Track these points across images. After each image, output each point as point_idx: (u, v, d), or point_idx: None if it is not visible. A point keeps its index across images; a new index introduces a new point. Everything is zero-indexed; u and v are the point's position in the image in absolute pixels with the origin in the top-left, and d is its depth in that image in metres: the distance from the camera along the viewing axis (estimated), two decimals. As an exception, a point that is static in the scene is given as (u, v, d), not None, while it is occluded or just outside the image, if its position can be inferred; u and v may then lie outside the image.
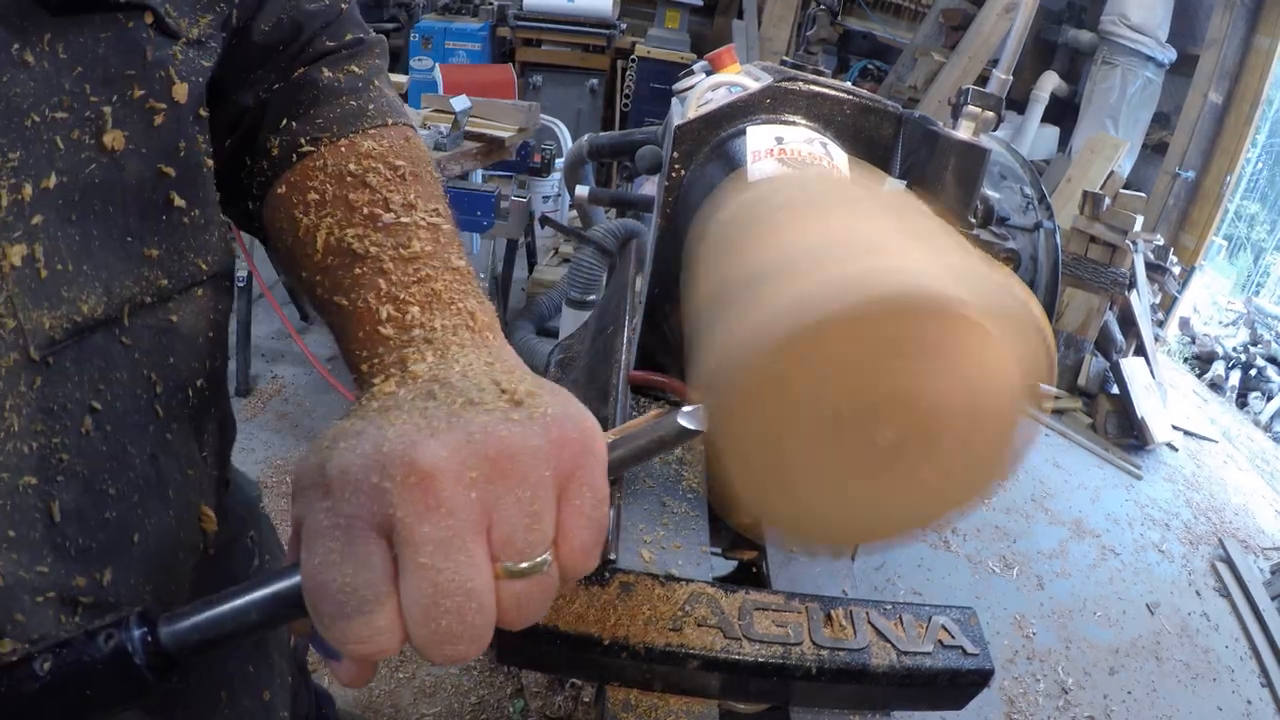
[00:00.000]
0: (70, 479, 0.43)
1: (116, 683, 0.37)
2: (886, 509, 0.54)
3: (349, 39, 0.60)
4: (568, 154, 1.80)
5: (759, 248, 0.52)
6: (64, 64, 0.40)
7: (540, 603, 0.38)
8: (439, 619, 0.35)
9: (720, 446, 0.50)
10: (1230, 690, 2.56)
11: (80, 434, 0.43)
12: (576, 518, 0.38)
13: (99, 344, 0.44)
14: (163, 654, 0.37)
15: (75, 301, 0.42)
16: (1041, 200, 1.22)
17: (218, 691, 0.62)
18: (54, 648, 0.37)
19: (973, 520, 3.05)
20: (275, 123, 0.56)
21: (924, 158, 0.79)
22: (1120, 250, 3.95)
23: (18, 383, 0.40)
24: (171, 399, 0.50)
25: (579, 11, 5.28)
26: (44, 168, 0.40)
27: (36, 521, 0.42)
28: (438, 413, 0.38)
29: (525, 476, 0.36)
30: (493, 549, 0.36)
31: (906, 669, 0.61)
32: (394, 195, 0.52)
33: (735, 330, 0.47)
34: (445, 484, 0.35)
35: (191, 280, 0.50)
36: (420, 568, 0.34)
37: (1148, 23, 5.10)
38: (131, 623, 0.37)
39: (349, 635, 0.35)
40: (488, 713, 1.96)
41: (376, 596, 0.35)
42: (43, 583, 0.43)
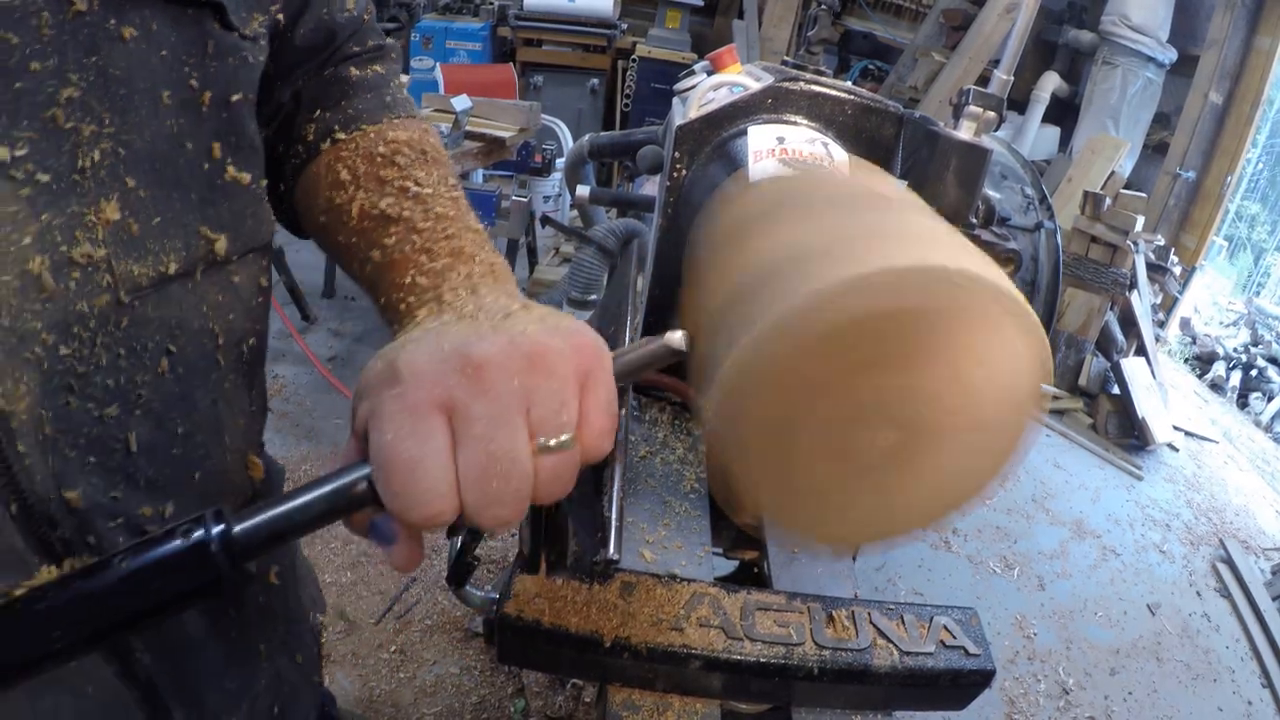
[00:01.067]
0: (146, 414, 0.49)
1: (194, 573, 0.41)
2: (888, 508, 0.54)
3: (371, 45, 0.69)
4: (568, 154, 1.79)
5: (761, 248, 0.52)
6: (151, 44, 0.47)
7: (568, 476, 0.44)
8: (490, 480, 0.41)
9: (724, 446, 0.50)
10: (1231, 691, 2.56)
11: (157, 373, 0.50)
12: (595, 406, 0.45)
13: (176, 295, 0.50)
14: (237, 546, 0.41)
15: (160, 254, 0.48)
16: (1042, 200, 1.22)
17: (258, 645, 0.66)
18: (133, 547, 0.40)
19: (973, 520, 3.05)
20: (310, 113, 0.65)
21: (925, 158, 0.79)
22: (1121, 250, 3.95)
23: (108, 322, 0.46)
24: (230, 352, 0.57)
25: (580, 11, 5.28)
26: (135, 135, 0.46)
27: (115, 451, 0.48)
28: (483, 324, 0.46)
29: (555, 371, 0.43)
30: (530, 428, 0.42)
31: (908, 669, 0.61)
32: (419, 173, 0.61)
33: (739, 331, 0.47)
34: (494, 373, 0.42)
35: (249, 246, 0.57)
36: (475, 439, 0.41)
37: (1148, 23, 5.10)
38: (209, 519, 0.41)
39: (416, 499, 0.41)
40: (489, 712, 1.96)
41: (440, 463, 0.41)
42: (115, 508, 0.48)
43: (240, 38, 0.53)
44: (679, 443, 0.87)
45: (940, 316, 0.45)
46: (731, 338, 0.48)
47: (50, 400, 0.44)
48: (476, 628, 2.14)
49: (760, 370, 0.46)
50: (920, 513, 0.55)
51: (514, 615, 0.59)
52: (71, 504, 0.46)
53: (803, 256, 0.48)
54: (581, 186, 1.68)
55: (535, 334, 0.45)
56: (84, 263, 0.44)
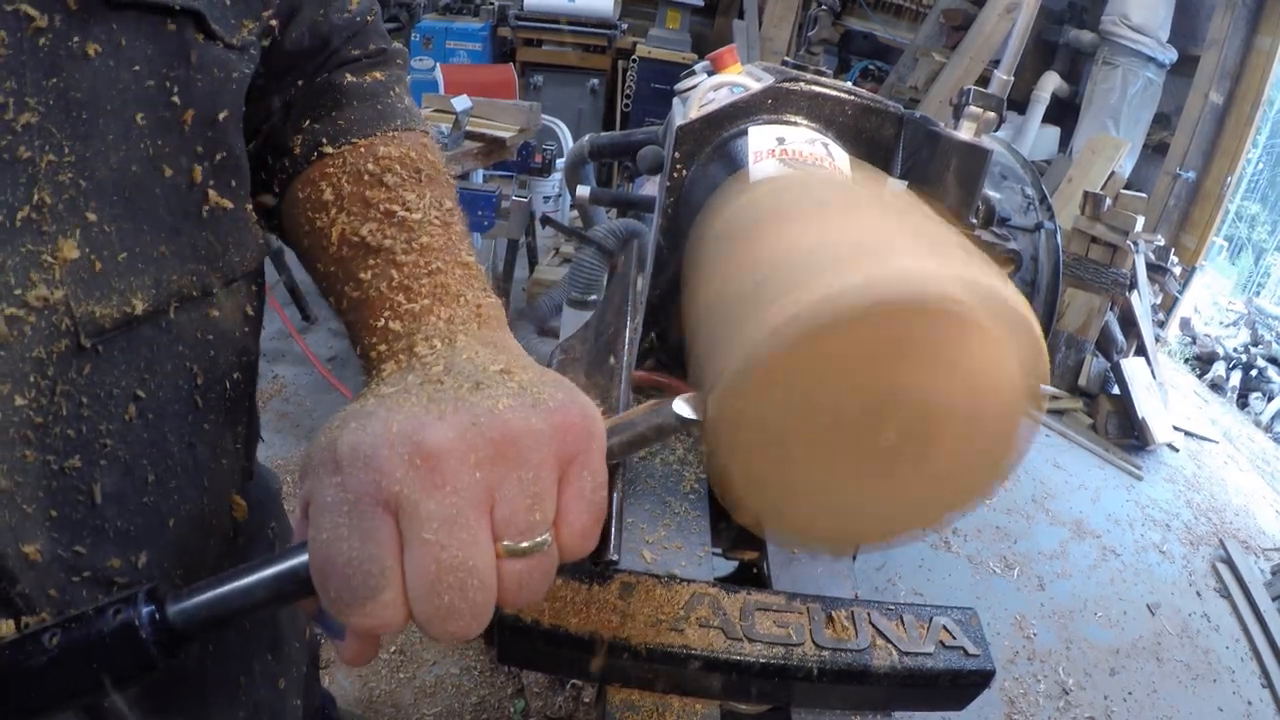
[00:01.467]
0: (112, 463, 0.45)
1: (123, 657, 0.38)
2: (888, 509, 0.54)
3: (372, 49, 0.63)
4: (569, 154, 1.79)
5: (761, 248, 0.52)
6: (121, 61, 0.42)
7: (540, 582, 0.39)
8: (442, 594, 0.36)
9: (723, 447, 0.50)
10: (1231, 691, 2.56)
11: (124, 420, 0.46)
12: (577, 500, 0.40)
13: (146, 335, 0.46)
14: (170, 630, 0.38)
15: (125, 293, 0.44)
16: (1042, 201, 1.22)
17: (236, 677, 0.63)
18: (64, 623, 0.38)
19: (973, 521, 3.05)
20: (299, 123, 0.59)
21: (925, 158, 0.79)
22: (1121, 251, 3.95)
23: (68, 369, 0.42)
24: (210, 390, 0.52)
25: (580, 11, 5.28)
26: (98, 163, 0.41)
27: (79, 503, 0.44)
28: (445, 396, 0.39)
29: (528, 459, 0.38)
30: (495, 528, 0.37)
31: (908, 670, 0.61)
32: (409, 194, 0.54)
33: (739, 332, 0.47)
34: (450, 464, 0.36)
35: (232, 275, 0.52)
36: (425, 543, 0.36)
37: (1149, 23, 5.09)
38: (140, 599, 0.38)
39: (354, 609, 0.36)
40: (488, 713, 1.95)
41: (382, 570, 0.36)
42: (80, 563, 0.45)
43: (225, 48, 0.48)
44: (679, 443, 0.87)
45: (940, 319, 0.45)
46: (732, 340, 0.48)
47: (6, 453, 0.40)
48: (476, 628, 2.14)
49: (761, 373, 0.46)
50: (920, 513, 0.55)
51: (514, 615, 0.59)
52: (30, 559, 0.42)
53: (803, 259, 0.48)
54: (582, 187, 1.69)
55: (506, 412, 0.38)
56: (40, 306, 0.40)
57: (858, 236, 0.49)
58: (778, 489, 0.51)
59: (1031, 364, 0.48)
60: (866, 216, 0.53)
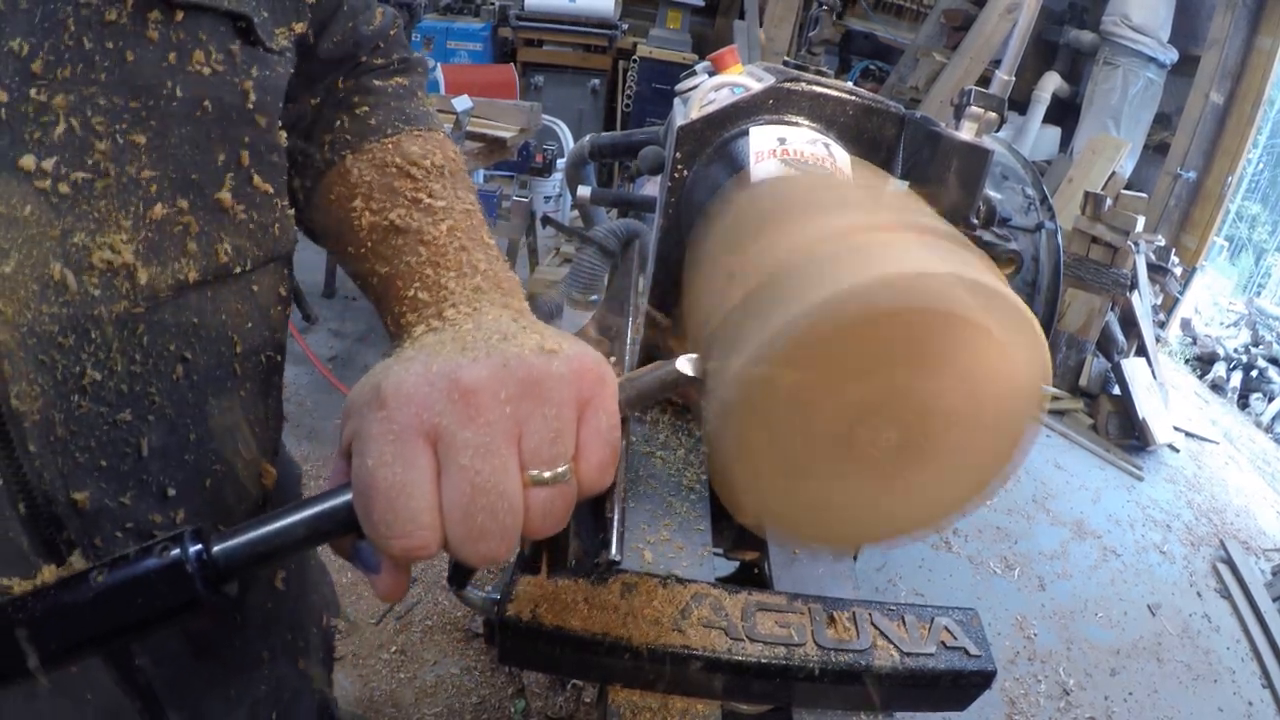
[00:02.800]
0: (159, 420, 0.49)
1: (170, 593, 0.40)
2: (889, 509, 0.54)
3: (396, 58, 0.69)
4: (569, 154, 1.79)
5: (763, 250, 0.52)
6: (183, 54, 0.47)
7: (562, 511, 0.43)
8: (475, 515, 0.39)
9: (726, 447, 0.50)
10: (1231, 692, 2.55)
11: (172, 380, 0.50)
12: (594, 437, 0.43)
13: (195, 303, 0.50)
14: (215, 567, 0.40)
15: (180, 263, 0.48)
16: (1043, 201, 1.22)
17: (260, 652, 0.65)
18: (110, 563, 0.40)
19: (974, 521, 3.05)
20: (329, 123, 0.65)
21: (926, 159, 0.79)
22: (1122, 251, 3.94)
23: (125, 328, 0.46)
24: (247, 360, 0.56)
25: (580, 12, 5.28)
26: (162, 143, 0.46)
27: (127, 455, 0.48)
28: (476, 345, 0.44)
29: (551, 398, 0.42)
30: (522, 459, 0.41)
31: (910, 670, 0.61)
32: (433, 185, 0.61)
33: (742, 334, 0.47)
34: (484, 399, 0.40)
35: (270, 255, 0.57)
36: (461, 469, 0.39)
37: (1149, 23, 5.09)
38: (186, 538, 0.40)
39: (395, 531, 0.39)
40: (489, 713, 1.96)
41: (422, 494, 0.39)
42: (124, 514, 0.48)
43: (265, 51, 0.53)
44: (680, 443, 0.87)
45: (941, 320, 0.45)
46: (734, 341, 0.48)
47: (63, 403, 0.44)
48: (477, 628, 2.14)
49: (762, 374, 0.46)
50: (922, 514, 0.55)
51: (515, 616, 0.59)
52: (79, 506, 0.45)
53: (804, 260, 0.48)
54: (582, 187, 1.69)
55: (532, 357, 0.43)
56: (104, 269, 0.44)
57: (860, 237, 0.49)
58: (780, 489, 0.51)
59: (1033, 364, 0.48)
60: (868, 217, 0.53)
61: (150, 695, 0.53)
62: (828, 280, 0.44)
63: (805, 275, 0.46)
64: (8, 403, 0.42)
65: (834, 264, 0.46)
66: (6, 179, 0.41)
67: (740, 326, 0.48)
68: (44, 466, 0.44)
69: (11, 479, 0.43)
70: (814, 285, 0.45)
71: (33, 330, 0.42)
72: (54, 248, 0.42)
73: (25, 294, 0.42)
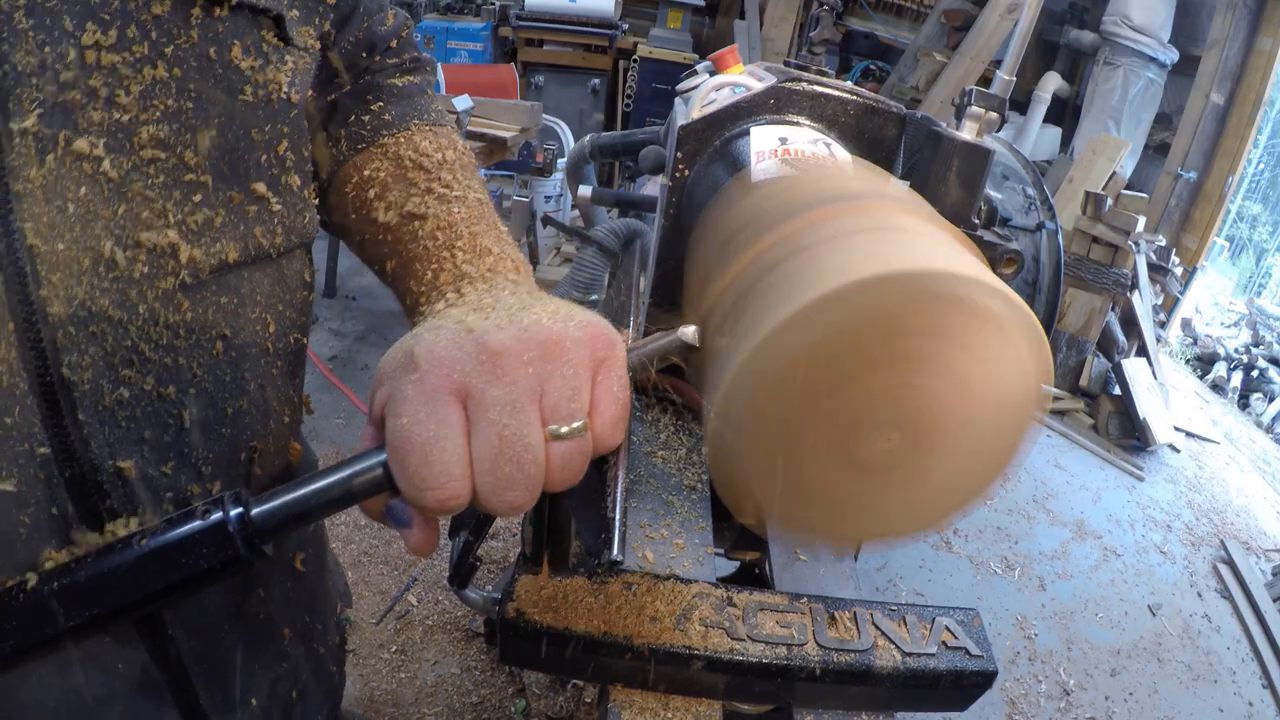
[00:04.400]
0: (200, 394, 0.52)
1: (212, 552, 0.42)
2: (891, 509, 0.54)
3: (407, 57, 0.73)
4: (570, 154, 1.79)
5: (765, 250, 0.52)
6: (221, 48, 0.50)
7: (579, 463, 0.46)
8: (503, 465, 0.43)
9: (727, 448, 0.50)
10: (1232, 692, 2.55)
11: (213, 356, 0.53)
12: (606, 395, 0.47)
13: (233, 283, 0.53)
14: (254, 527, 0.43)
15: (222, 244, 0.51)
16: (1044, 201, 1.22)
17: (282, 629, 0.68)
18: (152, 528, 0.43)
19: (974, 521, 3.05)
20: (345, 117, 0.68)
21: (927, 159, 0.79)
22: (1122, 251, 3.94)
23: (171, 304, 0.49)
24: (279, 340, 0.59)
25: (581, 11, 5.28)
26: (207, 132, 0.49)
27: (169, 427, 0.50)
28: (498, 315, 0.48)
29: (568, 359, 0.45)
30: (543, 415, 0.44)
31: (911, 670, 0.61)
32: (445, 175, 0.65)
33: (744, 333, 0.47)
34: (509, 360, 0.44)
35: (299, 240, 0.60)
36: (490, 423, 0.43)
37: (1150, 23, 5.09)
38: (227, 501, 0.43)
39: (429, 483, 0.42)
40: (489, 713, 1.96)
41: (455, 446, 0.43)
42: (164, 484, 0.51)
43: (294, 47, 0.56)
44: (681, 443, 0.87)
45: (941, 319, 0.45)
46: (735, 341, 0.48)
47: (111, 374, 0.47)
48: (477, 628, 2.14)
49: (763, 374, 0.46)
50: (922, 513, 0.55)
51: (516, 615, 0.59)
52: (124, 474, 0.48)
53: (804, 260, 0.48)
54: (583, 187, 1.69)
55: (550, 323, 0.46)
56: (151, 248, 0.47)
57: (862, 237, 0.49)
58: (781, 490, 0.51)
59: (1034, 364, 0.48)
60: (868, 219, 0.53)
61: (180, 668, 0.55)
62: (832, 277, 0.44)
63: (805, 276, 0.46)
64: (59, 372, 0.44)
65: (834, 265, 0.46)
66: (61, 161, 0.43)
67: (740, 326, 0.48)
68: (91, 435, 0.46)
69: (59, 447, 0.45)
70: (813, 285, 0.45)
71: (84, 304, 0.45)
72: (105, 227, 0.45)
73: (78, 270, 0.44)
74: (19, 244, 0.42)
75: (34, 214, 0.43)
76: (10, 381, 0.43)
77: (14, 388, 0.44)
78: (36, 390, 0.44)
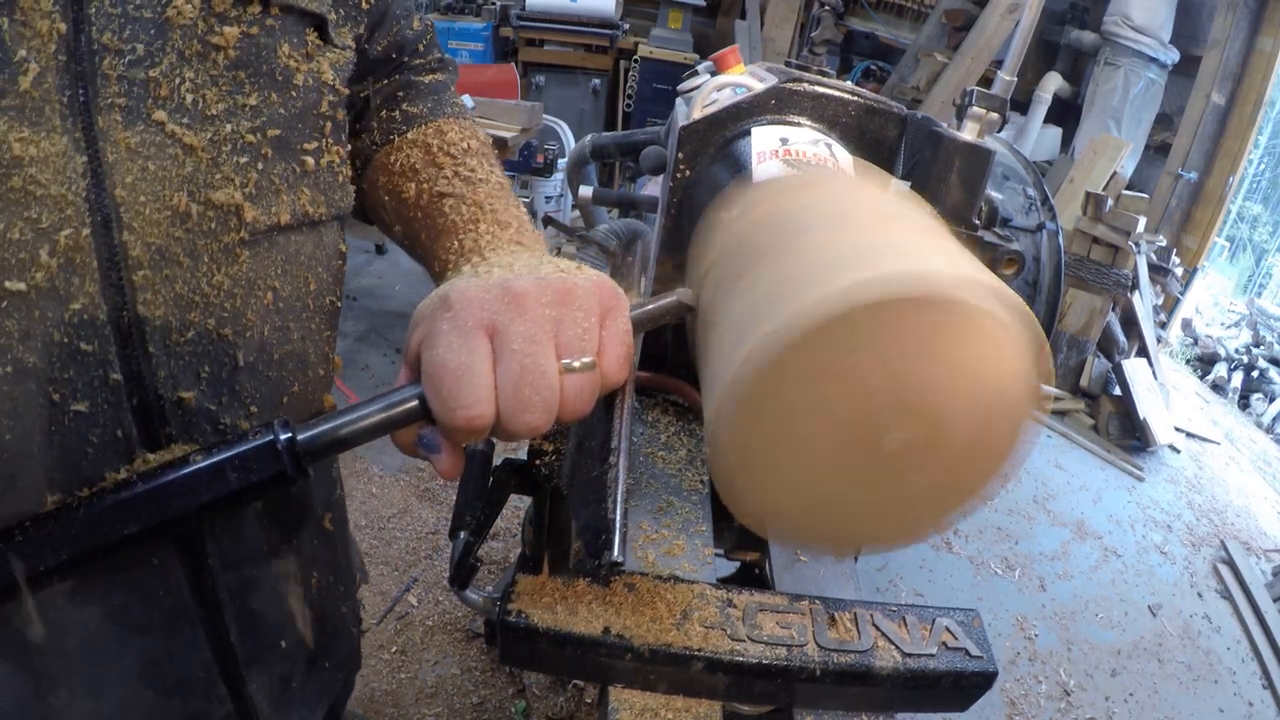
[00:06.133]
0: (252, 338, 0.59)
1: (262, 468, 0.49)
2: (891, 511, 0.54)
3: (432, 58, 0.81)
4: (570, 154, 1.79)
5: (766, 250, 0.52)
6: (272, 39, 0.57)
7: (589, 395, 0.51)
8: (523, 389, 0.48)
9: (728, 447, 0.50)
10: (1232, 692, 2.55)
11: (265, 305, 0.60)
12: (613, 337, 0.53)
13: (283, 242, 0.61)
14: (299, 448, 0.49)
15: (277, 207, 0.59)
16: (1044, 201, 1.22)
17: (309, 577, 0.74)
18: (207, 448, 0.49)
19: (975, 521, 3.05)
20: (377, 111, 0.77)
21: (928, 159, 0.79)
22: (1123, 251, 3.94)
23: (231, 255, 0.56)
24: (318, 299, 0.66)
25: (582, 11, 5.27)
26: (269, 112, 0.57)
27: (224, 364, 0.57)
28: (520, 268, 0.54)
29: (580, 304, 0.52)
30: (558, 350, 0.50)
31: (911, 671, 0.61)
32: (470, 161, 0.72)
33: (746, 333, 0.47)
34: (529, 302, 0.50)
35: (337, 212, 0.67)
36: (513, 353, 0.49)
37: (1150, 24, 5.09)
38: (276, 425, 0.50)
39: (460, 403, 0.48)
40: (490, 713, 1.96)
41: (483, 372, 0.48)
42: (217, 415, 0.57)
43: (335, 47, 0.64)
44: (682, 444, 0.87)
45: (940, 321, 0.45)
46: (735, 342, 0.48)
47: (180, 314, 0.54)
48: (478, 628, 2.14)
49: (764, 375, 0.46)
50: (923, 515, 0.55)
51: (516, 616, 0.59)
52: (185, 404, 0.55)
53: (804, 261, 0.48)
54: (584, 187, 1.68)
55: (564, 275, 0.53)
56: (220, 205, 0.54)
57: (863, 237, 0.49)
58: (782, 490, 0.51)
59: (1034, 365, 0.47)
60: (871, 217, 0.53)
61: (215, 602, 0.62)
62: (833, 277, 0.44)
63: (806, 277, 0.46)
64: (135, 309, 0.52)
65: (838, 262, 0.46)
66: (145, 128, 0.51)
67: (745, 326, 0.48)
68: (159, 366, 0.53)
69: (130, 375, 0.52)
70: (814, 287, 0.45)
71: (161, 251, 0.52)
72: (181, 185, 0.52)
73: (157, 218, 0.51)
74: (107, 196, 0.49)
75: (121, 171, 0.50)
76: (92, 314, 0.50)
77: (95, 319, 0.50)
78: (114, 323, 0.51)
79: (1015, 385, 0.48)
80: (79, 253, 0.49)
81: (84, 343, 0.50)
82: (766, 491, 0.52)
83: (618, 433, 0.61)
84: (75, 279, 0.49)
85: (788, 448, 0.49)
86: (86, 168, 0.49)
